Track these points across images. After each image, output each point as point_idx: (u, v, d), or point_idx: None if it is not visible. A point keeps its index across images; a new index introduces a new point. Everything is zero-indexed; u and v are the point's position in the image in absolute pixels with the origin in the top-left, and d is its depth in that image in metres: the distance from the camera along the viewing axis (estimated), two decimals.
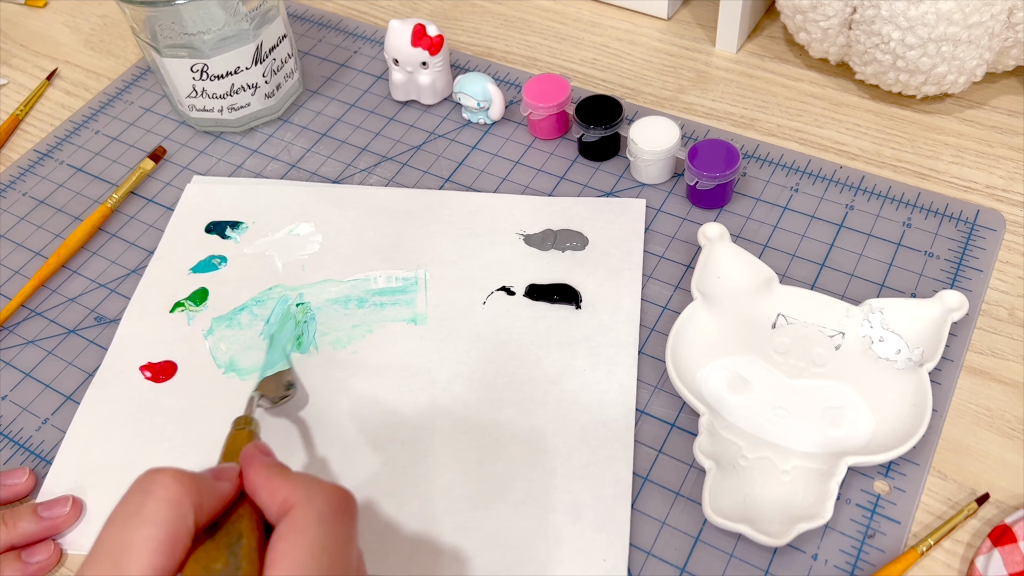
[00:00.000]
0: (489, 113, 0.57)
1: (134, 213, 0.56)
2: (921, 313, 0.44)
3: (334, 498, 0.31)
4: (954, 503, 0.40)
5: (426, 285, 0.49)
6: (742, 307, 0.46)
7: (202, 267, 0.51)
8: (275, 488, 0.31)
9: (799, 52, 0.60)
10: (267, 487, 0.31)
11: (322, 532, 0.29)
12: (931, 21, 0.48)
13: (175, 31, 0.52)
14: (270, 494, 0.31)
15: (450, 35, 0.65)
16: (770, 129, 0.56)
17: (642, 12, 0.64)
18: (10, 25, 0.71)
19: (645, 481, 0.41)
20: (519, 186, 0.54)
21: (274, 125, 0.60)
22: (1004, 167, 0.52)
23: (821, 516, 0.38)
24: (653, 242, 0.50)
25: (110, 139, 0.60)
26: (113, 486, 0.42)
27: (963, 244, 0.48)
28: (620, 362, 0.45)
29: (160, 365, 0.47)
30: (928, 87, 0.52)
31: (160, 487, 0.29)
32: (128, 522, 0.28)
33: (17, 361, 0.49)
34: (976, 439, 0.42)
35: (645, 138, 0.51)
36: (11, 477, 0.43)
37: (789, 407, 0.42)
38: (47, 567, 0.41)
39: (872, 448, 0.40)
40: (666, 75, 0.60)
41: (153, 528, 0.28)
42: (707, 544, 0.39)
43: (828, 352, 0.44)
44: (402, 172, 0.56)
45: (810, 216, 0.50)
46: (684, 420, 0.43)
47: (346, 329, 0.48)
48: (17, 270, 0.53)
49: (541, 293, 0.48)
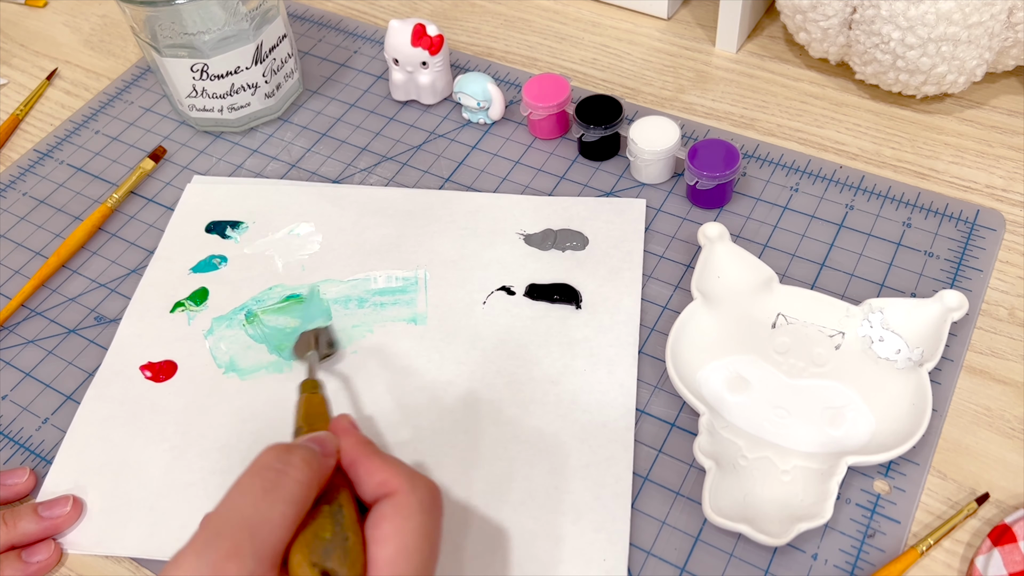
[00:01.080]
0: (489, 113, 0.57)
1: (134, 213, 0.56)
2: (921, 313, 0.44)
3: (434, 491, 0.33)
4: (954, 503, 0.40)
5: (426, 285, 0.49)
6: (742, 307, 0.46)
7: (202, 267, 0.51)
8: (374, 468, 0.32)
9: (799, 52, 0.60)
10: (366, 465, 0.33)
11: (424, 521, 0.31)
12: (931, 21, 0.48)
13: (175, 31, 0.52)
14: (368, 472, 0.32)
15: (450, 35, 0.65)
16: (770, 129, 0.56)
17: (642, 12, 0.64)
18: (10, 25, 0.71)
19: (645, 481, 0.41)
20: (519, 186, 0.54)
21: (274, 125, 0.60)
22: (1004, 167, 0.52)
23: (821, 516, 0.38)
24: (653, 242, 0.50)
25: (110, 139, 0.61)
26: (113, 486, 0.43)
27: (963, 244, 0.48)
28: (620, 362, 0.45)
29: (160, 365, 0.47)
30: (928, 87, 0.52)
31: (295, 468, 0.30)
32: (266, 497, 0.29)
33: (17, 361, 0.49)
34: (976, 439, 0.42)
35: (645, 138, 0.51)
36: (11, 477, 0.43)
37: (789, 407, 0.42)
38: (48, 566, 0.41)
39: (872, 448, 0.40)
40: (666, 75, 0.60)
41: (289, 507, 0.29)
42: (707, 544, 0.39)
43: (828, 352, 0.44)
44: (402, 172, 0.56)
45: (810, 216, 0.50)
46: (684, 420, 0.43)
47: (346, 329, 0.48)
48: (17, 270, 0.53)
49: (541, 293, 0.48)
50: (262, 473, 0.30)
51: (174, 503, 0.42)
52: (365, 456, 0.33)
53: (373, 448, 0.34)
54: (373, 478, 0.32)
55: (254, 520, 0.29)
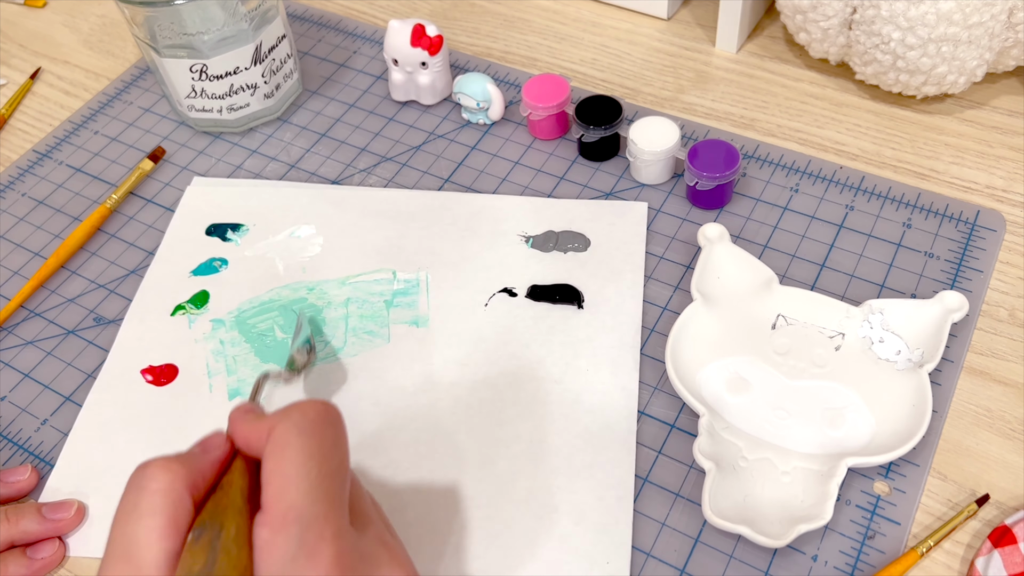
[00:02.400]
0: (489, 113, 0.57)
1: (133, 213, 0.56)
2: (921, 314, 0.44)
3: (311, 410, 0.31)
4: (954, 504, 0.40)
5: (428, 287, 0.49)
6: (742, 308, 0.46)
7: (203, 270, 0.51)
8: (260, 429, 0.31)
9: (799, 52, 0.60)
10: (252, 431, 0.32)
11: (303, 442, 0.30)
12: (931, 21, 0.48)
13: (174, 31, 0.52)
14: (257, 436, 0.31)
15: (450, 35, 0.65)
16: (770, 129, 0.56)
17: (642, 12, 0.64)
18: (9, 25, 0.71)
19: (645, 482, 0.41)
20: (519, 186, 0.54)
21: (273, 125, 0.60)
22: (1004, 167, 0.52)
23: (821, 517, 0.38)
24: (653, 242, 0.50)
25: (109, 139, 0.60)
26: (116, 490, 0.42)
27: (963, 245, 0.48)
28: (622, 364, 0.45)
29: (161, 368, 0.47)
30: (928, 87, 0.52)
31: (151, 480, 0.30)
32: (129, 518, 0.29)
33: (16, 362, 0.49)
34: (976, 440, 0.42)
35: (645, 138, 0.51)
36: (13, 475, 0.43)
37: (789, 408, 0.42)
38: (51, 564, 0.41)
39: (872, 449, 0.40)
40: (666, 75, 0.60)
41: (152, 519, 0.29)
42: (707, 545, 0.39)
43: (828, 353, 0.44)
44: (402, 172, 0.56)
45: (810, 217, 0.50)
46: (684, 421, 0.43)
47: (347, 332, 0.48)
48: (16, 271, 0.53)
49: (543, 294, 0.48)
50: (125, 496, 0.30)
51: None
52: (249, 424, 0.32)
53: (259, 413, 0.33)
54: (261, 438, 0.31)
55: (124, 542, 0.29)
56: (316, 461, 0.30)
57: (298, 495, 0.29)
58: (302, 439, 0.30)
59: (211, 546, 0.29)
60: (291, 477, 0.29)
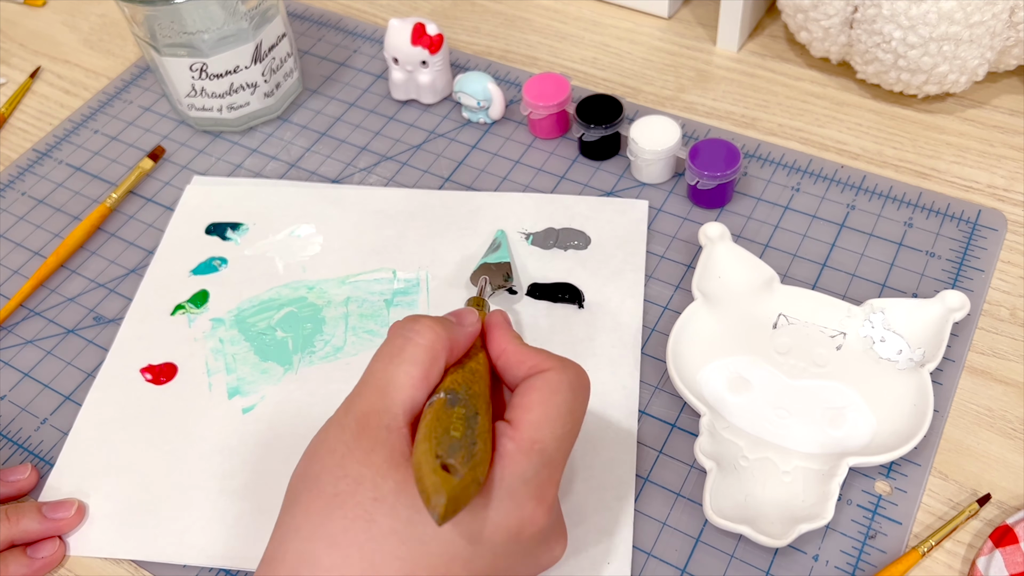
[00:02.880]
0: (489, 112, 0.56)
1: (133, 213, 0.55)
2: (922, 313, 0.44)
3: (583, 375, 0.34)
4: (955, 504, 0.40)
5: (428, 286, 0.49)
6: (743, 307, 0.46)
7: (203, 269, 0.51)
8: (525, 356, 0.35)
9: (800, 51, 0.60)
10: (516, 353, 0.35)
11: (571, 398, 0.33)
12: (932, 20, 0.48)
13: (174, 30, 0.52)
14: (519, 360, 0.35)
15: (450, 34, 0.64)
16: (771, 128, 0.56)
17: (643, 11, 0.64)
18: (9, 24, 0.71)
19: (646, 482, 0.41)
20: (519, 186, 0.54)
21: (273, 124, 0.59)
22: (1006, 167, 0.52)
23: (822, 517, 0.38)
24: (654, 242, 0.50)
25: (109, 138, 0.60)
26: (114, 489, 0.43)
27: (964, 244, 0.48)
28: (623, 363, 0.45)
29: (160, 367, 0.47)
30: (929, 86, 0.52)
31: (418, 335, 0.33)
32: (392, 361, 0.33)
33: (16, 361, 0.49)
34: (977, 439, 0.42)
35: (646, 137, 0.51)
36: (13, 473, 0.43)
37: (790, 407, 0.42)
38: (52, 563, 0.41)
39: (873, 448, 0.40)
40: (667, 74, 0.60)
41: (412, 367, 0.33)
42: (708, 545, 0.39)
43: (829, 352, 0.44)
44: (402, 171, 0.55)
45: (811, 216, 0.50)
46: (685, 420, 0.43)
47: (348, 331, 0.47)
48: (16, 270, 0.53)
49: (544, 292, 0.48)
50: (391, 341, 0.34)
51: (175, 506, 0.42)
52: (516, 346, 0.35)
53: (524, 343, 0.36)
54: (524, 364, 0.34)
55: (383, 381, 0.33)
56: (571, 420, 0.33)
57: (550, 436, 0.32)
58: (571, 395, 0.33)
59: (468, 424, 0.31)
60: (552, 418, 0.32)
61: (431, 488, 0.28)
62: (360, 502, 0.30)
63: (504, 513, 0.31)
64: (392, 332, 0.34)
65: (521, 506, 0.31)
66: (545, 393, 0.33)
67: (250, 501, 0.42)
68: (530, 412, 0.32)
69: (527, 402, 0.32)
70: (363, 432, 0.31)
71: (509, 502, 0.31)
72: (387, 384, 0.32)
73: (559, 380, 0.33)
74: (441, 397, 0.32)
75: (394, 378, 0.32)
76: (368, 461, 0.31)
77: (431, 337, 0.33)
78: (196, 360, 0.47)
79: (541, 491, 0.32)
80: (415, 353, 0.33)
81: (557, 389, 0.33)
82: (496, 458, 0.31)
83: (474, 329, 0.36)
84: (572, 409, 0.33)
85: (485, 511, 0.30)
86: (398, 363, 0.33)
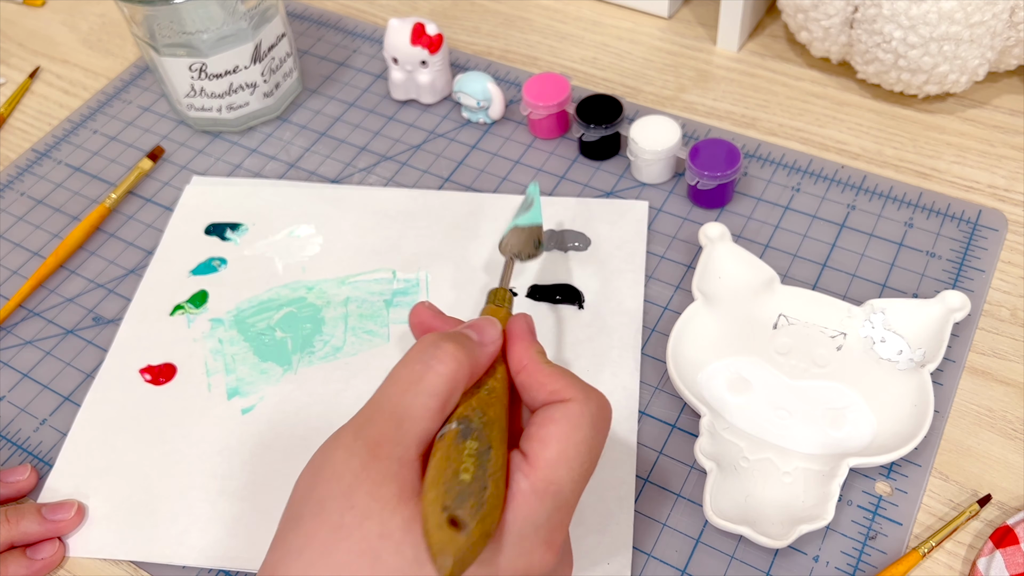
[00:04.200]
0: (489, 112, 0.56)
1: (132, 213, 0.55)
2: (923, 313, 0.44)
3: (606, 408, 0.33)
4: (956, 504, 0.40)
5: (427, 287, 0.49)
6: (743, 307, 0.46)
7: (202, 269, 0.51)
8: (546, 378, 0.33)
9: (800, 51, 0.60)
10: (537, 373, 0.33)
11: (591, 435, 0.31)
12: (933, 20, 0.48)
13: (173, 30, 0.52)
14: (539, 383, 0.33)
15: (450, 34, 0.64)
16: (771, 128, 0.56)
17: (643, 11, 0.64)
18: (8, 24, 0.71)
19: (646, 482, 0.41)
20: (519, 186, 0.54)
21: (273, 124, 0.59)
22: (1006, 167, 0.52)
23: (822, 518, 0.38)
24: (654, 242, 0.50)
25: (108, 138, 0.60)
26: (114, 489, 0.43)
27: (965, 244, 0.48)
28: (623, 364, 0.45)
29: (160, 368, 0.47)
30: (930, 86, 0.52)
31: (440, 362, 0.31)
32: (410, 390, 0.31)
33: (15, 361, 0.49)
34: (978, 440, 0.42)
35: (646, 137, 0.51)
36: (13, 475, 0.43)
37: (790, 408, 0.42)
38: (52, 564, 0.41)
39: (873, 449, 0.40)
40: (667, 74, 0.60)
41: (431, 399, 0.31)
42: (708, 546, 0.39)
43: (829, 353, 0.44)
44: (401, 171, 0.55)
45: (811, 216, 0.50)
46: (685, 421, 0.43)
47: (348, 332, 0.47)
48: (15, 270, 0.53)
49: (543, 294, 0.48)
50: (409, 365, 0.32)
51: (175, 506, 0.42)
52: (536, 363, 0.33)
53: (545, 357, 0.34)
54: (544, 388, 0.32)
55: (399, 410, 0.31)
56: (589, 459, 0.31)
57: (567, 476, 0.30)
58: (592, 431, 0.31)
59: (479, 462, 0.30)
60: (570, 457, 0.31)
61: (437, 547, 0.27)
62: (366, 536, 0.29)
63: (511, 560, 0.30)
64: (412, 356, 0.32)
65: (530, 552, 0.30)
66: (565, 428, 0.31)
67: (249, 502, 0.42)
68: (547, 448, 0.31)
69: (545, 435, 0.31)
70: (373, 462, 0.30)
71: (518, 548, 0.30)
72: (403, 415, 0.31)
73: (580, 415, 0.31)
74: (453, 428, 0.31)
75: (410, 409, 0.31)
76: (377, 495, 0.29)
77: (453, 367, 0.31)
78: (195, 361, 0.47)
79: (551, 536, 0.30)
80: (435, 384, 0.31)
81: (578, 425, 0.31)
82: (509, 496, 0.30)
83: (495, 348, 0.34)
84: (592, 447, 0.31)
85: (494, 557, 0.29)
86: (415, 393, 0.31)
